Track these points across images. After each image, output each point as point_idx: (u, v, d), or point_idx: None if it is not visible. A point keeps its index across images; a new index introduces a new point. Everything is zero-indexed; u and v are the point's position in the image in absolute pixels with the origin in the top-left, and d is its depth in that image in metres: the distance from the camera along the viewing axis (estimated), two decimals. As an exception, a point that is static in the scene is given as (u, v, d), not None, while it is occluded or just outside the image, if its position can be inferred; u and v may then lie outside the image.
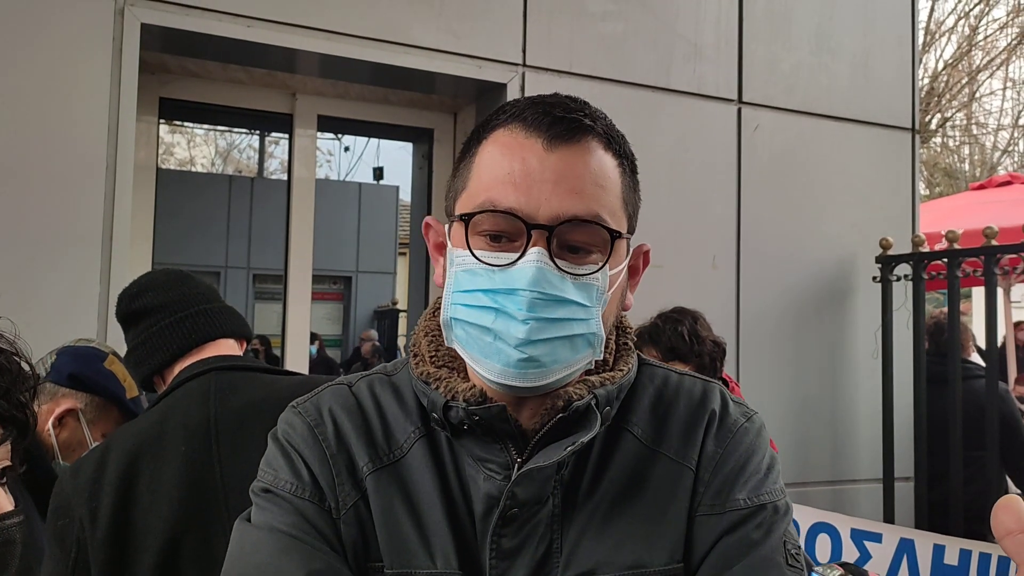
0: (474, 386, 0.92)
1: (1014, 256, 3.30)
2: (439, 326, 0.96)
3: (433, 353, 0.98)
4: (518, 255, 0.87)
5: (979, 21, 15.13)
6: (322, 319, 12.53)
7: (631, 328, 1.04)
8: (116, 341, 2.39)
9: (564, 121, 0.89)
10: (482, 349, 0.89)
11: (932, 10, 14.80)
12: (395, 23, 2.92)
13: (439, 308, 0.98)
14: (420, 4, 2.96)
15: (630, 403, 0.99)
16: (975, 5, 14.99)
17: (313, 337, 9.61)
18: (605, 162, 0.91)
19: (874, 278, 3.61)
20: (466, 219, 0.90)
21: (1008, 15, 15.12)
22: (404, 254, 12.63)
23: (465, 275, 0.90)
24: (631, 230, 0.96)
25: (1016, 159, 16.59)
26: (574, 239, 0.88)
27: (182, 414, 1.47)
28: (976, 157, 16.73)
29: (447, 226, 0.96)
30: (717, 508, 0.94)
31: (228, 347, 1.64)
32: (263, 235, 10.89)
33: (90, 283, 2.46)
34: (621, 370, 0.97)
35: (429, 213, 3.42)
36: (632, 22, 3.34)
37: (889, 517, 3.46)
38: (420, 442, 0.96)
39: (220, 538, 1.38)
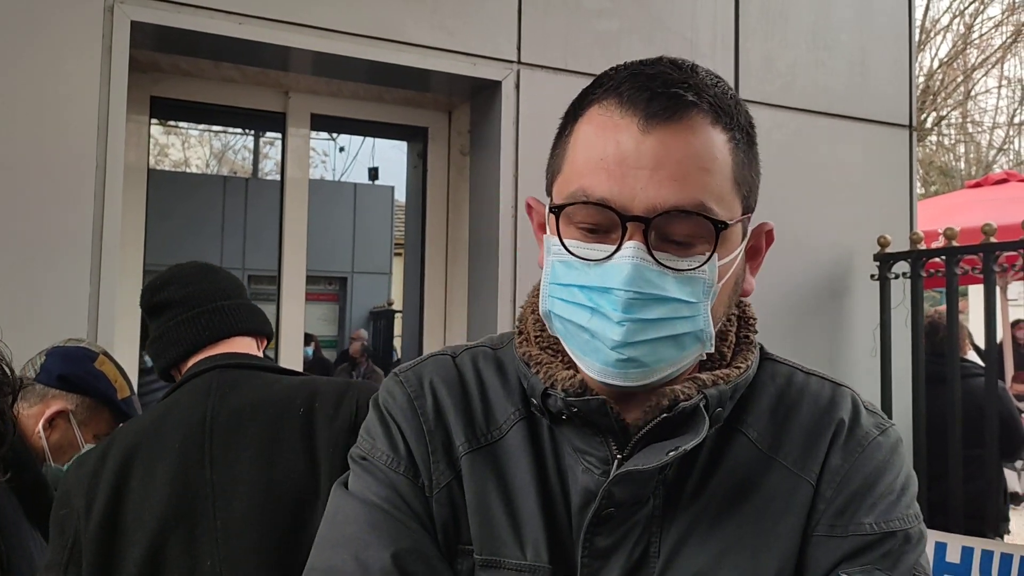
0: (575, 375, 0.86)
1: (1012, 253, 3.29)
2: None
3: (539, 333, 0.93)
4: (614, 248, 0.80)
5: (974, 19, 15.18)
6: (318, 320, 12.49)
7: (755, 320, 0.96)
8: (107, 341, 2.37)
9: (663, 97, 0.80)
10: (581, 346, 0.84)
11: (927, 8, 14.82)
12: (389, 20, 2.90)
13: None
14: (414, 1, 2.94)
15: (747, 403, 0.91)
16: (970, 3, 15.02)
17: (309, 338, 9.58)
18: (713, 140, 0.81)
19: (872, 276, 3.60)
20: (556, 211, 0.84)
21: (1003, 13, 15.16)
22: (399, 255, 12.60)
23: (561, 266, 0.84)
24: (747, 210, 0.87)
25: (1012, 157, 16.64)
26: (675, 231, 0.80)
27: (182, 411, 1.49)
28: (972, 155, 16.77)
29: (547, 208, 0.90)
30: (839, 530, 0.85)
31: (243, 344, 1.64)
32: (258, 236, 10.84)
33: (80, 283, 2.43)
34: (738, 367, 0.90)
35: (424, 213, 3.40)
36: (627, 19, 3.32)
37: (888, 516, 3.44)
38: (520, 424, 0.91)
39: (206, 536, 1.39)
